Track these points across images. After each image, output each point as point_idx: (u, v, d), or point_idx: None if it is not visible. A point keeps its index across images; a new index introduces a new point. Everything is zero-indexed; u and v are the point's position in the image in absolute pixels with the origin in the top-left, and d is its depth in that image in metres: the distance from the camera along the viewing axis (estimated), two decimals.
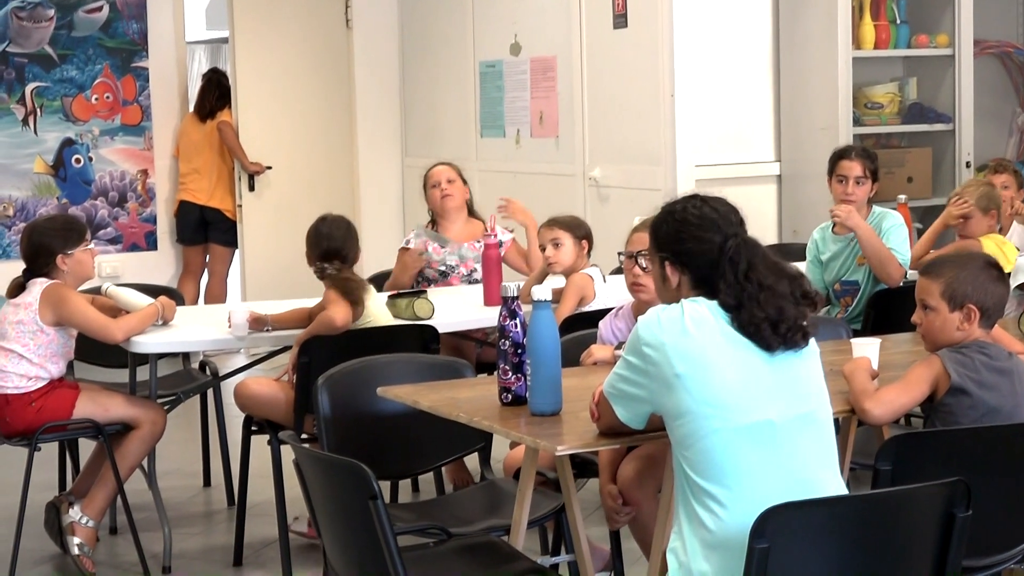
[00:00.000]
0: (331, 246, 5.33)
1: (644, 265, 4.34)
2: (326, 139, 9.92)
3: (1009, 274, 5.13)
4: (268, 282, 9.29)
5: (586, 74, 8.15)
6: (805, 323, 3.21)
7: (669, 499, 3.42)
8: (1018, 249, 6.16)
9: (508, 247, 6.44)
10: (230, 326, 5.35)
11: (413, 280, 6.36)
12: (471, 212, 6.62)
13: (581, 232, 5.76)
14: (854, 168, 5.97)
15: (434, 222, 6.57)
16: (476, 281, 6.29)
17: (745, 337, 3.17)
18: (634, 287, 4.44)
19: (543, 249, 5.75)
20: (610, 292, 5.60)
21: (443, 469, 5.73)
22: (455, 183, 6.54)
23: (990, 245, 5.86)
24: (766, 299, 3.17)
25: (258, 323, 5.36)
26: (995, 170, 6.94)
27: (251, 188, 9.64)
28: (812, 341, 3.28)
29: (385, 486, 5.53)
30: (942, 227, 6.40)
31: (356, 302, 5.26)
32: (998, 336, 4.01)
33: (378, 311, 5.38)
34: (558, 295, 5.57)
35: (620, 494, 4.14)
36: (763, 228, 7.59)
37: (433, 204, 6.55)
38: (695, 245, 3.26)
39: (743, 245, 3.23)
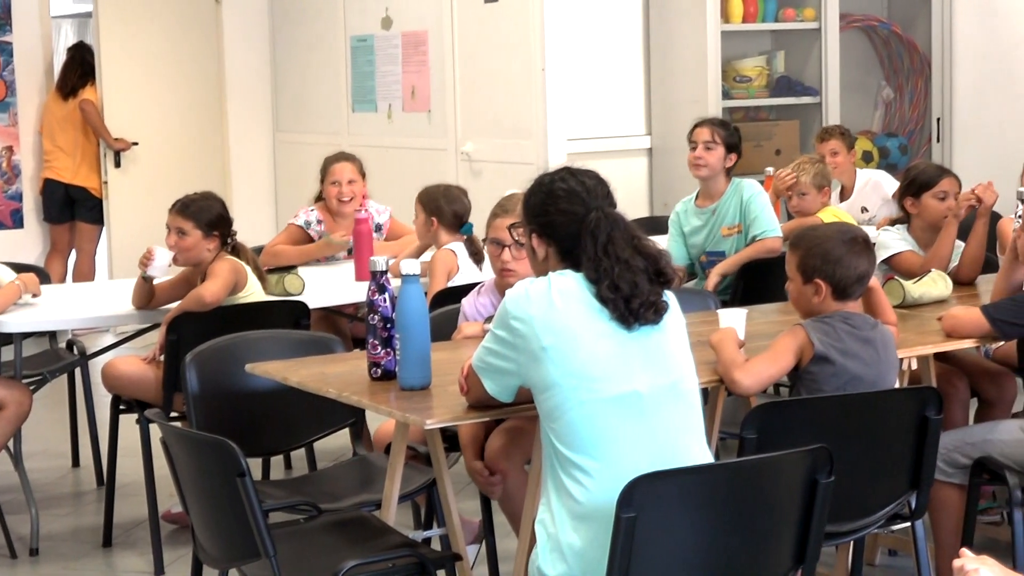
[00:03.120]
0: (230, 219, 5.31)
1: (515, 251, 4.34)
2: (195, 114, 9.80)
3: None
4: (135, 259, 9.09)
5: (458, 48, 8.14)
6: (657, 300, 3.23)
7: (538, 472, 3.43)
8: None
9: (388, 227, 6.41)
10: (149, 260, 5.25)
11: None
12: None
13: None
14: (702, 134, 6.06)
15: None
16: None
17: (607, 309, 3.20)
18: (503, 272, 4.43)
19: (416, 217, 5.82)
20: (473, 267, 5.63)
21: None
22: (355, 183, 6.35)
23: (827, 220, 5.95)
24: (620, 274, 3.19)
25: (147, 292, 5.31)
26: (822, 138, 7.07)
27: (117, 164, 9.50)
28: (678, 311, 3.31)
29: (257, 463, 5.55)
30: (775, 199, 6.51)
31: (263, 278, 5.33)
32: (876, 305, 4.07)
33: (257, 286, 5.34)
34: (427, 269, 5.58)
35: (488, 467, 4.15)
36: (634, 201, 7.65)
37: (328, 200, 6.37)
38: (560, 217, 3.28)
39: (604, 219, 3.24)
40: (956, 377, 4.88)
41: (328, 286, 5.80)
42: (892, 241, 5.13)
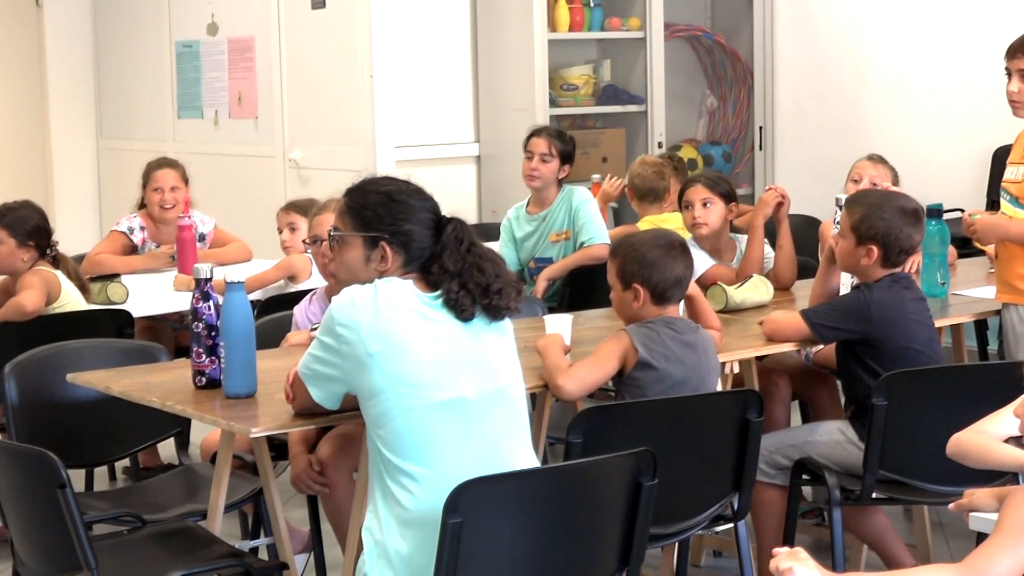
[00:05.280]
0: (48, 229, 5.23)
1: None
2: (16, 120, 9.59)
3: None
4: None
5: (285, 55, 8.10)
6: (520, 287, 3.30)
7: (365, 479, 3.42)
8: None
9: (212, 237, 6.33)
10: None
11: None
12: None
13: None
14: (539, 145, 6.10)
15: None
16: None
17: (449, 309, 3.20)
18: (327, 271, 4.42)
19: (280, 232, 5.78)
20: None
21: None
22: (178, 190, 6.28)
23: (646, 227, 6.01)
24: (486, 266, 3.23)
25: None
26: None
27: None
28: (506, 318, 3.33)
29: (79, 475, 5.44)
30: (603, 206, 6.56)
31: (85, 287, 5.25)
32: (699, 313, 4.13)
33: (74, 296, 5.25)
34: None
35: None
36: (462, 208, 7.60)
37: (150, 206, 6.29)
38: (415, 226, 3.27)
39: (462, 224, 3.28)
40: (777, 375, 4.96)
41: (152, 294, 5.73)
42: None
